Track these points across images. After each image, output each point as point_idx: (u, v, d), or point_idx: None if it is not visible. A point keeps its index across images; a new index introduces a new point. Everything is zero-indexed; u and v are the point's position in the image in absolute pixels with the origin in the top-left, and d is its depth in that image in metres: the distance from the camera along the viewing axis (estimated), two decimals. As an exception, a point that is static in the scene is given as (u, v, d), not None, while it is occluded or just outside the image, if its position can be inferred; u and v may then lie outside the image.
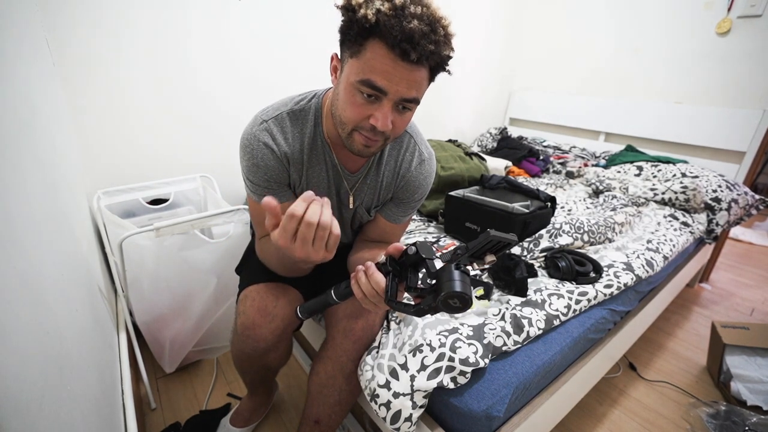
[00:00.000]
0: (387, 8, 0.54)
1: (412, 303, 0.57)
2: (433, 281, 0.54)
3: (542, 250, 1.18)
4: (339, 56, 0.65)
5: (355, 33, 0.57)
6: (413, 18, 0.54)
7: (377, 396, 0.73)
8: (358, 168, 0.81)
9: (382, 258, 0.60)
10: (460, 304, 0.51)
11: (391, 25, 0.54)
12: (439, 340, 0.76)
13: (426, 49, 0.55)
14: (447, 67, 0.63)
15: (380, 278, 0.58)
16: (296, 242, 0.52)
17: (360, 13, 0.55)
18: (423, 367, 0.73)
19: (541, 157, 2.26)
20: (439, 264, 0.55)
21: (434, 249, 0.58)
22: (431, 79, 0.64)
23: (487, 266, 0.54)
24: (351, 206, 0.85)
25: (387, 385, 0.73)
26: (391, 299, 0.56)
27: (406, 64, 0.57)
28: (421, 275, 0.59)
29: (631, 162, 1.99)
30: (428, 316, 0.82)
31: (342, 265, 0.92)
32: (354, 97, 0.62)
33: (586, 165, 2.16)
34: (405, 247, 0.59)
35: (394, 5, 0.54)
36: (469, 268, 0.55)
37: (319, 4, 1.56)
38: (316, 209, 0.51)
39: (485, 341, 0.79)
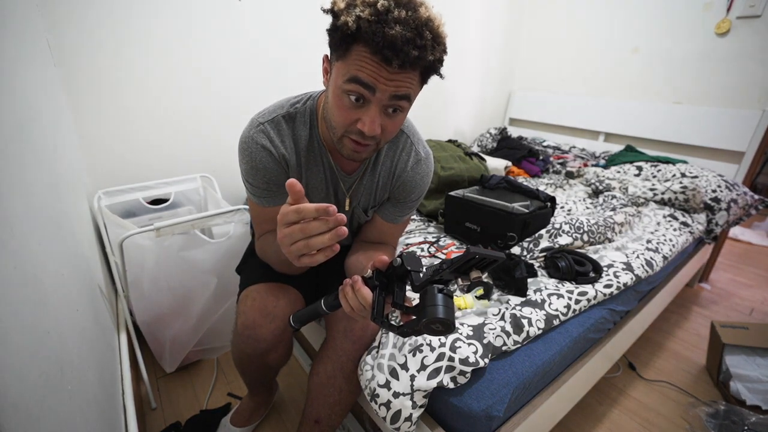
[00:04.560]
0: (368, 14, 0.53)
1: (399, 321, 0.57)
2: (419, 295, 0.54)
3: (542, 250, 1.18)
4: (328, 57, 0.65)
5: (339, 38, 0.57)
6: (396, 23, 0.53)
7: (377, 396, 0.74)
8: (355, 169, 0.81)
9: (369, 272, 0.60)
10: (442, 328, 0.51)
11: (372, 32, 0.53)
12: (439, 339, 0.76)
13: (410, 55, 0.54)
14: (439, 70, 0.61)
15: (367, 293, 0.58)
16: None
17: (341, 19, 0.55)
18: (423, 367, 0.73)
19: (541, 157, 2.26)
20: (425, 276, 0.55)
21: (421, 260, 0.57)
22: (423, 81, 0.63)
23: (473, 282, 0.54)
24: (348, 207, 0.85)
25: (387, 385, 0.73)
26: (376, 317, 0.56)
27: (390, 69, 0.56)
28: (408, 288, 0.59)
29: (631, 162, 1.99)
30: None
31: (341, 266, 0.92)
32: (342, 100, 0.61)
33: (585, 165, 2.16)
34: (391, 260, 0.58)
35: (376, 11, 0.53)
36: (455, 288, 0.54)
37: (317, 6, 1.56)
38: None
39: (485, 341, 0.79)
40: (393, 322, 0.57)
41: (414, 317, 0.53)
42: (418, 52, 0.55)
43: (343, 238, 0.51)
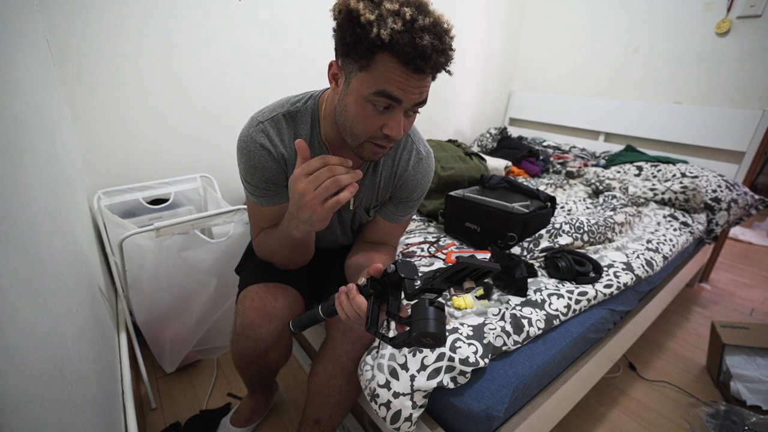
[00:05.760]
0: (399, 26, 0.53)
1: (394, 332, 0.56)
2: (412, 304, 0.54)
3: (542, 250, 1.18)
4: (339, 64, 0.64)
5: (364, 48, 0.56)
6: (424, 32, 0.54)
7: (377, 396, 0.74)
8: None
9: (363, 280, 0.60)
10: (433, 341, 0.51)
11: (403, 43, 0.53)
12: (439, 340, 0.76)
13: (438, 62, 0.56)
14: (447, 68, 0.63)
15: (362, 302, 0.58)
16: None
17: (373, 32, 0.54)
18: (423, 367, 0.73)
19: (541, 157, 2.26)
20: (418, 284, 0.55)
21: (416, 268, 0.57)
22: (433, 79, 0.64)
23: (466, 293, 0.54)
24: (350, 207, 0.85)
25: (387, 385, 0.73)
26: (371, 327, 0.56)
27: (417, 76, 0.57)
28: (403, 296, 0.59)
29: (631, 162, 1.99)
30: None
31: (341, 266, 0.92)
32: (365, 109, 0.61)
33: (585, 165, 2.16)
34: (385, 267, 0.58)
35: (404, 21, 0.54)
36: (443, 300, 0.54)
37: (320, 6, 1.56)
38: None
39: (485, 341, 0.79)
40: (392, 329, 0.57)
41: (408, 328, 0.53)
42: (444, 58, 0.57)
43: (359, 179, 0.60)
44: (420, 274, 0.56)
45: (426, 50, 0.54)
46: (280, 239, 0.75)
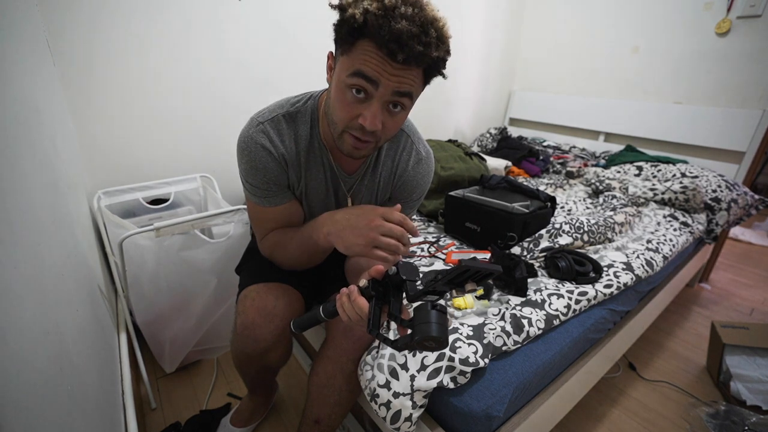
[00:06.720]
0: (375, 8, 0.54)
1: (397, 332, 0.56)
2: (413, 305, 0.54)
3: (542, 250, 1.18)
4: (332, 54, 0.66)
5: (346, 32, 0.57)
6: (402, 19, 0.54)
7: (377, 396, 0.74)
8: (355, 169, 0.81)
9: (364, 282, 0.60)
10: (435, 345, 0.51)
11: (378, 25, 0.54)
12: (439, 340, 0.76)
13: (414, 50, 0.55)
14: (442, 70, 0.62)
15: (363, 303, 0.58)
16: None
17: (348, 12, 0.56)
18: (423, 367, 0.73)
19: (541, 157, 2.26)
20: (419, 285, 0.55)
21: (417, 269, 0.57)
22: (426, 81, 0.63)
23: (468, 294, 0.54)
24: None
25: (387, 385, 0.73)
26: (372, 329, 0.56)
27: (395, 64, 0.57)
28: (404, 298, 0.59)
29: (631, 162, 1.99)
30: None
31: (341, 266, 0.92)
32: (344, 95, 0.62)
33: (585, 165, 2.16)
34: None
35: (383, 5, 0.54)
36: (444, 303, 0.54)
37: (321, 6, 1.56)
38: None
39: (485, 341, 0.79)
40: (392, 330, 0.57)
41: (410, 330, 0.53)
42: (423, 47, 0.55)
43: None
44: (421, 275, 0.56)
45: (401, 35, 0.54)
46: (301, 244, 0.76)
